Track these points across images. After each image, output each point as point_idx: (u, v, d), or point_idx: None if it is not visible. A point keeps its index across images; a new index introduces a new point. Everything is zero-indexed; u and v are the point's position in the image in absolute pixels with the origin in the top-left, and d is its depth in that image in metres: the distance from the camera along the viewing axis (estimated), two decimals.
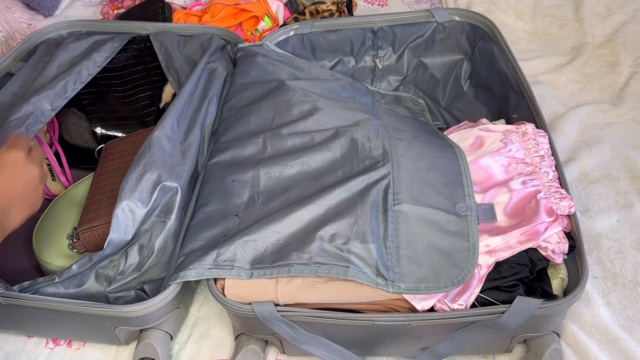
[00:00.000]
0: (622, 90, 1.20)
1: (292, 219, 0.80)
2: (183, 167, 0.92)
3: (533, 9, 1.42)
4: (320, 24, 1.13)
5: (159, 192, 0.86)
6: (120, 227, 0.82)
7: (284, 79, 1.02)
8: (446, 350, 0.77)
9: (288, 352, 0.85)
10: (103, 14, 1.45)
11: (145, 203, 0.84)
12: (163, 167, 0.88)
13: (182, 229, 0.86)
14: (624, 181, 1.02)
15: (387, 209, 0.80)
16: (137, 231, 0.85)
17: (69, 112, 1.11)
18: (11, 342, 0.90)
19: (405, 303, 0.75)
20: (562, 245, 0.77)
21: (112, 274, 0.83)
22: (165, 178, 0.87)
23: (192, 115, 1.00)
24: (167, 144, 0.92)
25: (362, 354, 0.82)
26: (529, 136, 0.89)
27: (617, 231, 0.94)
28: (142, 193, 0.85)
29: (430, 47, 1.16)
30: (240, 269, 0.76)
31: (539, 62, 1.28)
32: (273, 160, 0.89)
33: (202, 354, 0.87)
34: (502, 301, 0.75)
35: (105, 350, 0.88)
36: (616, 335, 0.82)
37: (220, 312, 0.91)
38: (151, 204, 0.85)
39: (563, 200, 0.80)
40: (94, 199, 0.93)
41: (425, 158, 0.88)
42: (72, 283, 0.82)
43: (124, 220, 0.83)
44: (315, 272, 0.74)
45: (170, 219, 0.86)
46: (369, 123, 0.94)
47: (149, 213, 0.85)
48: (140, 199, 0.84)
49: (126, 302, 0.82)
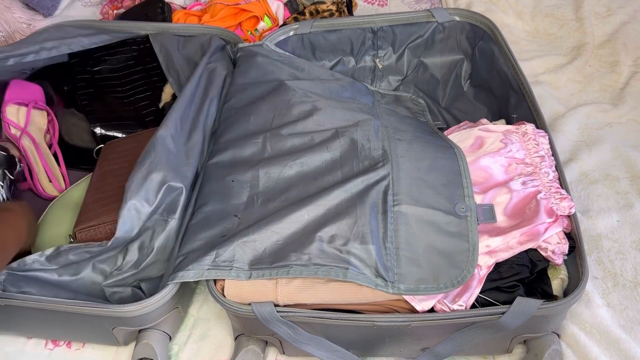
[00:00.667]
0: (622, 90, 1.20)
1: (291, 220, 0.80)
2: (187, 167, 0.92)
3: (533, 9, 1.42)
4: (320, 24, 1.13)
5: (165, 192, 0.86)
6: (125, 226, 0.83)
7: (283, 79, 1.02)
8: (446, 351, 0.77)
9: (288, 353, 0.85)
10: (103, 14, 1.45)
11: (150, 202, 0.85)
12: (168, 167, 0.88)
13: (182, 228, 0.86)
14: (624, 181, 1.02)
15: (387, 210, 0.80)
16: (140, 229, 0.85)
17: (68, 113, 1.11)
18: (11, 342, 0.90)
19: (405, 304, 0.75)
20: (562, 246, 0.77)
21: (109, 268, 0.83)
22: (171, 178, 0.87)
23: (195, 115, 1.00)
24: (172, 144, 0.93)
25: (362, 354, 0.81)
26: (529, 136, 0.89)
27: (617, 231, 0.94)
28: (147, 192, 0.85)
29: (430, 47, 1.15)
30: (239, 269, 0.76)
31: (539, 62, 1.28)
32: (272, 160, 0.89)
33: (201, 354, 0.87)
34: (502, 302, 0.75)
35: (105, 351, 0.88)
36: (616, 336, 0.81)
37: (220, 313, 0.91)
38: (156, 204, 0.85)
39: (563, 200, 0.80)
40: (92, 198, 0.93)
41: (425, 159, 0.88)
42: (67, 271, 0.82)
43: (130, 219, 0.83)
44: (315, 273, 0.74)
45: (173, 218, 0.86)
46: (368, 123, 0.94)
47: (153, 212, 0.86)
48: (145, 198, 0.84)
49: (122, 298, 0.82)
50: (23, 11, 1.45)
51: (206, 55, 1.09)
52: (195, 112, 1.00)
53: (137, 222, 0.84)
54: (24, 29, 1.42)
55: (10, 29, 1.39)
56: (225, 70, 1.09)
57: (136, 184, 0.85)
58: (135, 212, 0.83)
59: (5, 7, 1.41)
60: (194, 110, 1.00)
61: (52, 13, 1.50)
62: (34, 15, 1.48)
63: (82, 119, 1.10)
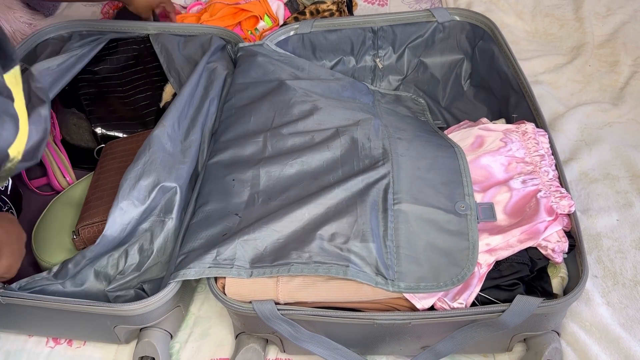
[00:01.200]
0: (622, 90, 1.20)
1: (292, 218, 0.80)
2: (183, 167, 0.92)
3: (533, 8, 1.43)
4: (320, 24, 1.13)
5: (158, 192, 0.86)
6: (115, 225, 0.83)
7: (284, 79, 1.02)
8: (446, 349, 0.77)
9: (288, 351, 0.85)
10: (103, 14, 1.45)
11: (142, 202, 0.85)
12: (162, 167, 0.88)
13: (182, 228, 0.86)
14: (624, 181, 1.02)
15: (387, 208, 0.80)
16: (134, 230, 0.85)
17: (69, 113, 1.11)
18: (12, 340, 0.90)
19: (406, 302, 0.75)
20: (562, 244, 0.78)
21: (112, 273, 0.83)
22: (165, 178, 0.87)
23: (193, 115, 1.00)
24: (168, 143, 0.93)
25: (363, 352, 0.82)
26: (529, 135, 0.89)
27: (617, 230, 0.94)
28: (140, 192, 0.85)
29: (430, 47, 1.16)
30: (240, 267, 0.77)
31: (539, 62, 1.28)
32: (273, 159, 0.89)
33: (202, 352, 0.87)
34: (502, 300, 0.75)
35: (106, 349, 0.88)
36: (616, 334, 0.82)
37: (220, 311, 0.91)
38: (149, 203, 0.85)
39: (563, 199, 0.80)
40: (94, 196, 0.93)
41: (425, 157, 0.88)
42: (71, 282, 0.82)
43: (120, 218, 0.83)
44: (315, 271, 0.74)
45: (170, 218, 0.86)
46: (369, 122, 0.94)
47: (147, 212, 0.86)
48: (138, 197, 0.84)
49: (126, 301, 0.82)
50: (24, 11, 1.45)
51: (206, 54, 1.10)
52: (194, 112, 1.00)
53: (127, 221, 0.84)
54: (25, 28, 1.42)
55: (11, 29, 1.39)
56: (226, 70, 1.09)
57: (129, 183, 0.85)
58: (126, 211, 0.83)
59: (6, 7, 1.41)
60: (193, 110, 1.00)
61: (53, 13, 1.51)
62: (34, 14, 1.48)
63: (82, 119, 1.10)
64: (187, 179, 0.91)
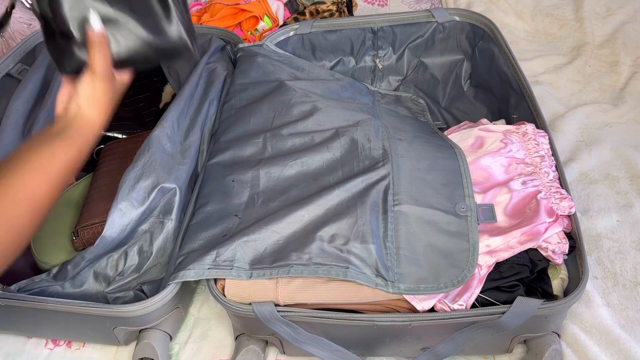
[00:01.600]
0: (622, 90, 1.20)
1: (291, 219, 0.80)
2: (183, 167, 0.91)
3: (533, 9, 1.43)
4: (320, 24, 1.13)
5: (157, 193, 0.86)
6: (114, 226, 0.82)
7: (284, 79, 1.02)
8: (446, 351, 0.77)
9: (288, 353, 0.85)
10: None
11: (141, 203, 0.84)
12: (162, 168, 0.88)
13: (182, 229, 0.86)
14: (624, 181, 1.02)
15: (387, 210, 0.80)
16: (133, 231, 0.85)
17: None
18: (11, 342, 0.90)
19: (406, 303, 0.75)
20: (563, 246, 0.77)
21: (112, 274, 0.83)
22: (164, 179, 0.87)
23: (193, 115, 0.99)
24: (167, 143, 0.92)
25: (363, 354, 0.82)
26: (529, 136, 0.89)
27: (617, 231, 0.94)
28: (139, 193, 0.84)
29: (430, 47, 1.16)
30: (240, 269, 0.76)
31: (539, 62, 1.28)
32: (273, 160, 0.89)
33: (202, 354, 0.87)
34: (502, 301, 0.75)
35: (105, 351, 0.88)
36: (616, 336, 0.82)
37: (220, 313, 0.91)
38: (148, 204, 0.85)
39: (563, 200, 0.80)
40: (93, 197, 0.93)
41: (425, 158, 0.88)
42: (71, 284, 0.82)
43: (119, 220, 0.83)
44: (315, 272, 0.74)
45: (170, 219, 0.86)
46: (369, 123, 0.94)
47: (146, 213, 0.85)
48: (137, 199, 0.84)
49: (125, 302, 0.82)
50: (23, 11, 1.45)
51: (206, 55, 1.09)
52: (193, 112, 1.00)
53: (127, 222, 0.83)
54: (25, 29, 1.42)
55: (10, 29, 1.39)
56: (225, 71, 1.09)
57: (128, 184, 0.85)
58: (125, 212, 0.83)
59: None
60: (193, 110, 1.00)
61: None
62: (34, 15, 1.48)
63: None
64: (186, 179, 0.91)
